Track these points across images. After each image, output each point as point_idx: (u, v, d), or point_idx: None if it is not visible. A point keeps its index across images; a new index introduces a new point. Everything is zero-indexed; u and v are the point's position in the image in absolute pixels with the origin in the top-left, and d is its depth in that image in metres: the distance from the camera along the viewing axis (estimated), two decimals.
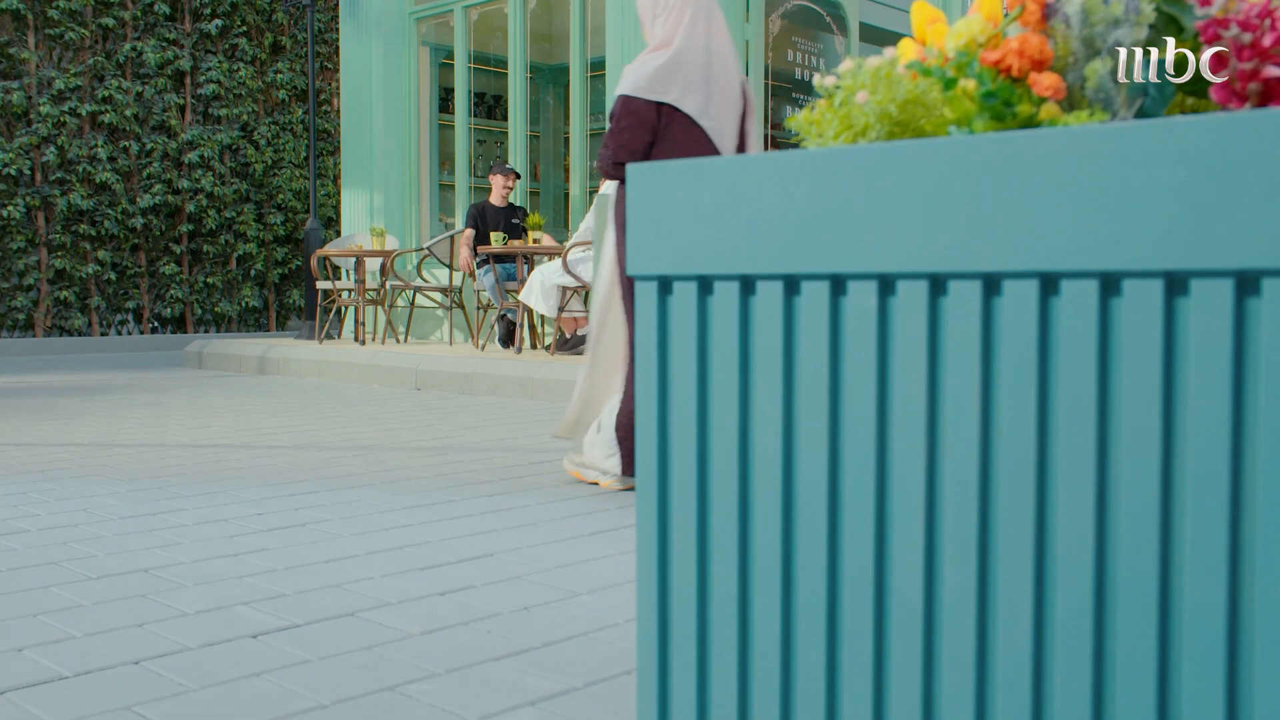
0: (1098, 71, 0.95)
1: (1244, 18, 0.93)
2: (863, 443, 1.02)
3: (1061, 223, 0.90)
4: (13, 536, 2.97)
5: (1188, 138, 0.84)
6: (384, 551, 2.81)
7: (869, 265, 1.00)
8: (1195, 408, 0.85)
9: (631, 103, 3.35)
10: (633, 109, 3.35)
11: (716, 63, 3.41)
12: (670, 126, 3.34)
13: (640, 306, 1.16)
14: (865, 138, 1.12)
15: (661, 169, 1.13)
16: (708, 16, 3.42)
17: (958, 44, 1.01)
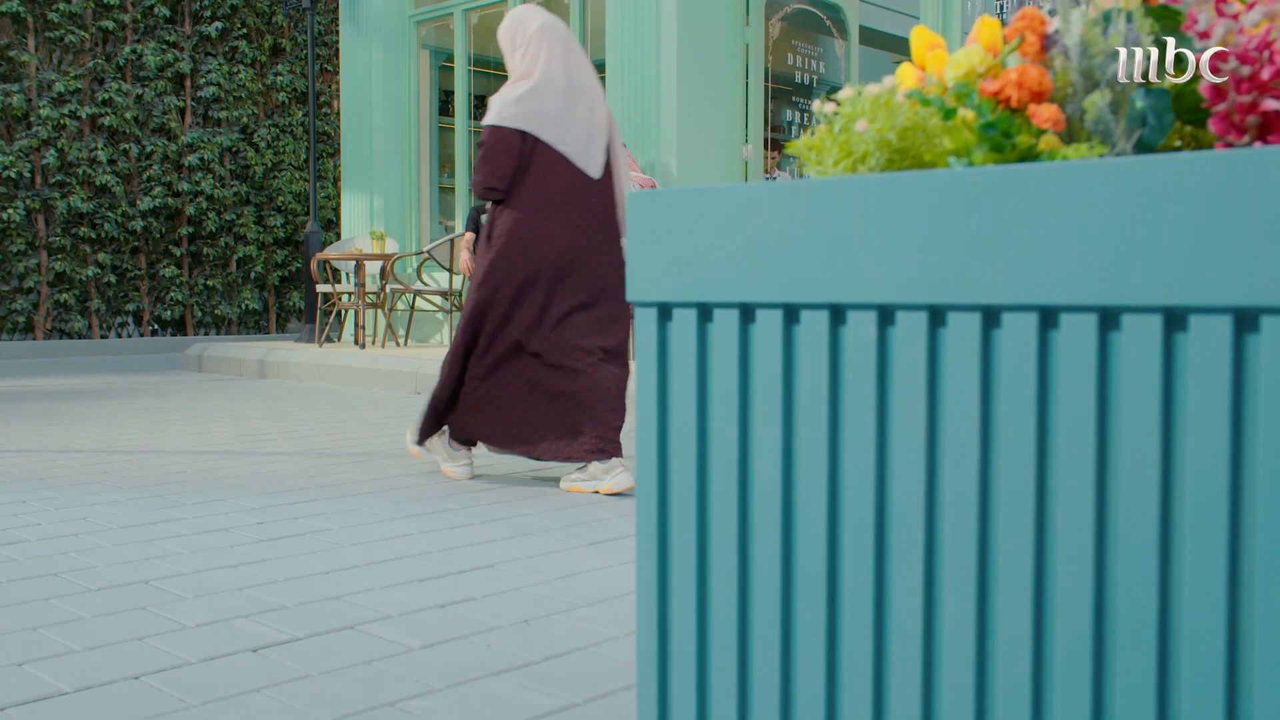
0: (1096, 104, 0.95)
1: (1242, 50, 0.93)
2: (862, 473, 1.02)
3: (1061, 256, 0.90)
4: (13, 547, 2.97)
5: (1187, 174, 0.84)
6: (384, 562, 2.81)
7: (868, 295, 1.00)
8: (1194, 443, 0.85)
9: (498, 131, 3.64)
10: (499, 137, 3.63)
11: (577, 91, 3.70)
12: (535, 153, 3.64)
13: (640, 332, 1.16)
14: (865, 165, 1.12)
15: (661, 197, 1.14)
16: (565, 48, 3.71)
17: (957, 74, 1.02)
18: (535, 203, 3.63)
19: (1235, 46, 0.94)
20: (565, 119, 3.65)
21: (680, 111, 7.62)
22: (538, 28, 3.71)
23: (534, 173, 3.62)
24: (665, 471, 1.15)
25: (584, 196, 3.69)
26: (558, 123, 3.64)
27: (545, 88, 3.63)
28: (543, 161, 3.63)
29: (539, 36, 3.68)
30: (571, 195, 3.67)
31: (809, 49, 8.76)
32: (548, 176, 3.63)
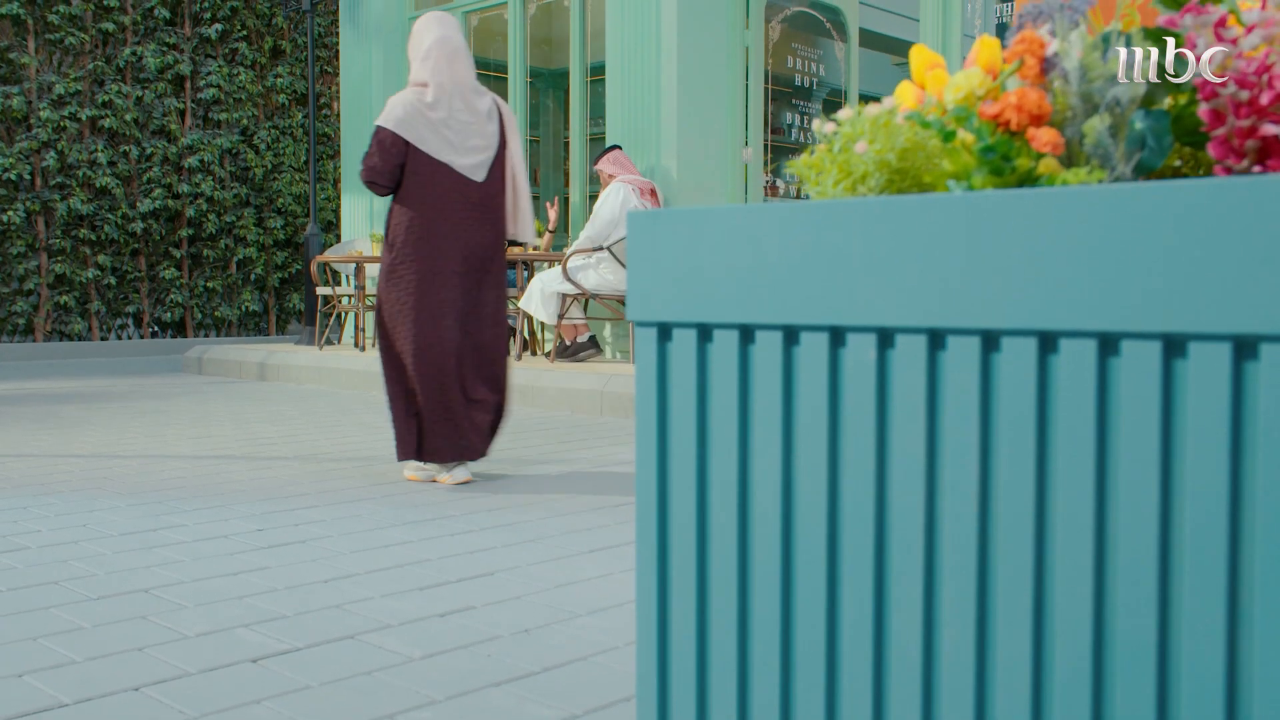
0: (1096, 128, 0.95)
1: (1241, 75, 0.93)
2: (861, 495, 1.02)
3: (1060, 281, 0.90)
4: (14, 554, 2.97)
5: (1186, 201, 0.84)
6: (384, 570, 2.81)
7: (868, 318, 1.00)
8: (1193, 470, 0.86)
9: (384, 133, 3.93)
10: (384, 139, 3.93)
11: (462, 103, 3.98)
12: (418, 159, 3.93)
13: (640, 351, 1.17)
14: (864, 185, 1.12)
15: (662, 217, 1.14)
16: (451, 60, 3.98)
17: (956, 97, 1.02)
18: (424, 204, 3.94)
19: (1234, 71, 0.94)
20: (447, 130, 3.94)
21: (680, 114, 7.62)
22: (433, 42, 3.98)
23: (420, 176, 3.92)
24: (665, 491, 1.16)
25: (467, 198, 3.97)
26: (439, 133, 3.93)
27: (433, 100, 3.93)
28: (427, 167, 3.93)
29: (433, 50, 3.97)
30: (456, 198, 3.96)
31: (809, 52, 8.76)
32: (433, 180, 3.93)
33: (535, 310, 7.42)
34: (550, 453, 4.82)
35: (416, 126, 3.91)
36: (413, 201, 3.94)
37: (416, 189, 3.93)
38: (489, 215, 4.04)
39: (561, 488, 3.97)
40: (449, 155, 3.93)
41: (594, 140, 9.28)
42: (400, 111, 3.91)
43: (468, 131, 3.98)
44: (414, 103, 3.92)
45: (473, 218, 3.99)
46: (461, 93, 3.97)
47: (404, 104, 3.92)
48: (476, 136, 3.99)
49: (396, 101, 3.95)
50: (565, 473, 4.30)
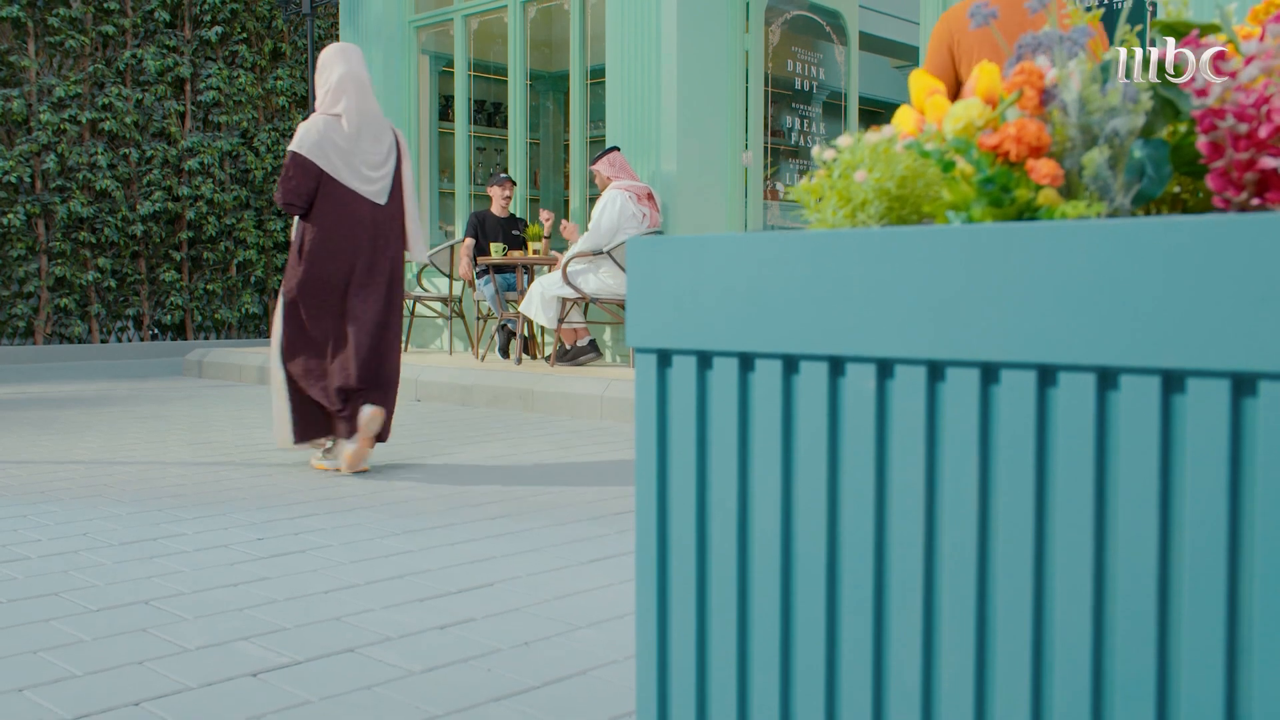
0: (1095, 160, 0.95)
1: (1240, 108, 0.93)
2: (861, 524, 1.03)
3: (1059, 315, 0.90)
4: (14, 565, 2.97)
5: (1184, 237, 0.84)
6: (384, 581, 2.81)
7: (867, 349, 1.01)
8: (1192, 504, 0.86)
9: (297, 158, 4.30)
10: (298, 163, 4.30)
11: (366, 131, 4.37)
12: (328, 182, 4.31)
13: (640, 378, 1.17)
14: (864, 212, 1.12)
15: (662, 245, 1.14)
16: (360, 94, 4.37)
17: (955, 127, 1.02)
18: (333, 223, 4.32)
19: (1233, 104, 0.94)
20: (352, 156, 4.34)
21: (680, 118, 7.62)
22: (341, 76, 4.35)
23: (331, 198, 4.32)
24: (665, 517, 1.16)
25: (372, 219, 4.39)
26: (345, 159, 4.33)
27: (348, 131, 4.32)
28: (337, 190, 4.32)
29: (346, 84, 4.35)
30: (361, 218, 4.37)
31: (809, 55, 8.76)
32: (341, 202, 4.33)
33: (535, 314, 7.42)
34: (550, 459, 4.83)
35: (328, 154, 4.29)
36: (323, 220, 4.32)
37: (326, 209, 4.31)
38: (390, 234, 4.46)
39: (561, 496, 3.97)
40: (356, 182, 4.34)
41: (594, 142, 9.28)
42: (315, 137, 4.28)
43: (373, 160, 4.39)
44: (326, 131, 4.30)
45: (378, 236, 4.40)
46: (371, 125, 4.38)
47: (318, 131, 4.29)
48: (380, 165, 4.41)
49: (310, 128, 4.30)
50: (566, 480, 4.30)
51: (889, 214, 1.12)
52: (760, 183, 8.35)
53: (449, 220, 10.54)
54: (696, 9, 7.71)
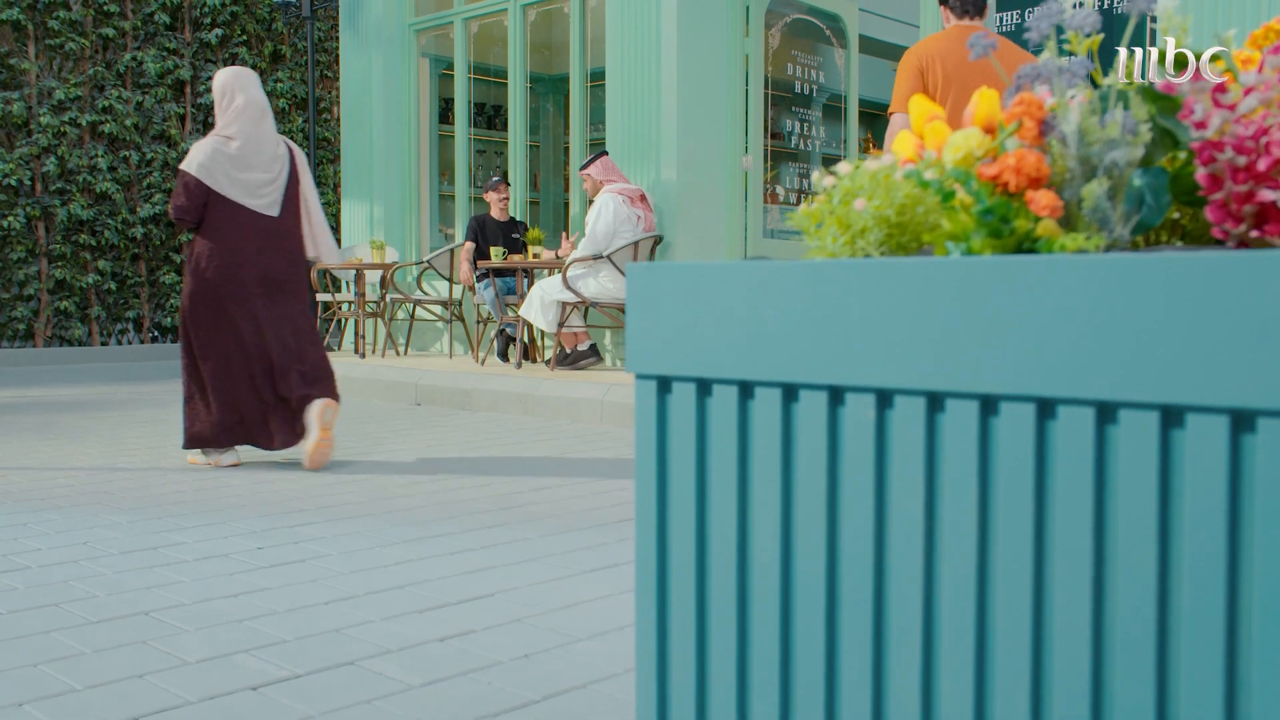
0: (1094, 193, 0.95)
1: (1239, 141, 0.93)
2: (860, 553, 1.03)
3: (1058, 349, 0.90)
4: (14, 574, 2.97)
5: (1183, 273, 0.84)
6: (384, 591, 2.81)
7: (867, 379, 1.01)
8: (1191, 539, 0.86)
9: (188, 177, 4.63)
10: (188, 183, 4.63)
11: (259, 153, 4.72)
12: (216, 199, 4.66)
13: (640, 404, 1.17)
14: (863, 239, 1.12)
15: (662, 271, 1.14)
16: (257, 120, 4.73)
17: (955, 157, 1.02)
18: (223, 236, 4.66)
19: (1232, 136, 0.94)
20: (240, 174, 4.68)
21: (680, 123, 7.62)
22: (242, 104, 4.72)
23: (220, 213, 4.66)
24: (664, 543, 1.16)
25: (264, 230, 4.73)
26: (235, 180, 4.67)
27: (239, 154, 4.68)
28: (225, 207, 4.67)
29: (245, 110, 4.71)
30: (252, 230, 4.70)
31: (809, 59, 8.77)
32: (231, 217, 4.68)
33: (535, 318, 7.43)
34: (550, 465, 4.83)
35: (215, 174, 4.64)
36: (213, 234, 4.67)
37: (216, 224, 4.66)
38: (285, 243, 4.82)
39: (561, 504, 3.97)
40: (243, 198, 4.69)
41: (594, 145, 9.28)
42: (202, 158, 4.62)
43: (262, 178, 4.74)
44: (216, 152, 4.64)
45: (268, 245, 4.75)
46: (263, 145, 4.74)
47: (207, 153, 4.64)
48: (270, 181, 4.77)
49: (200, 149, 4.65)
50: (566, 486, 4.30)
51: (888, 241, 1.13)
52: (760, 186, 8.36)
53: (449, 223, 10.54)
54: (696, 13, 7.71)
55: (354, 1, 10.14)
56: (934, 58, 4.55)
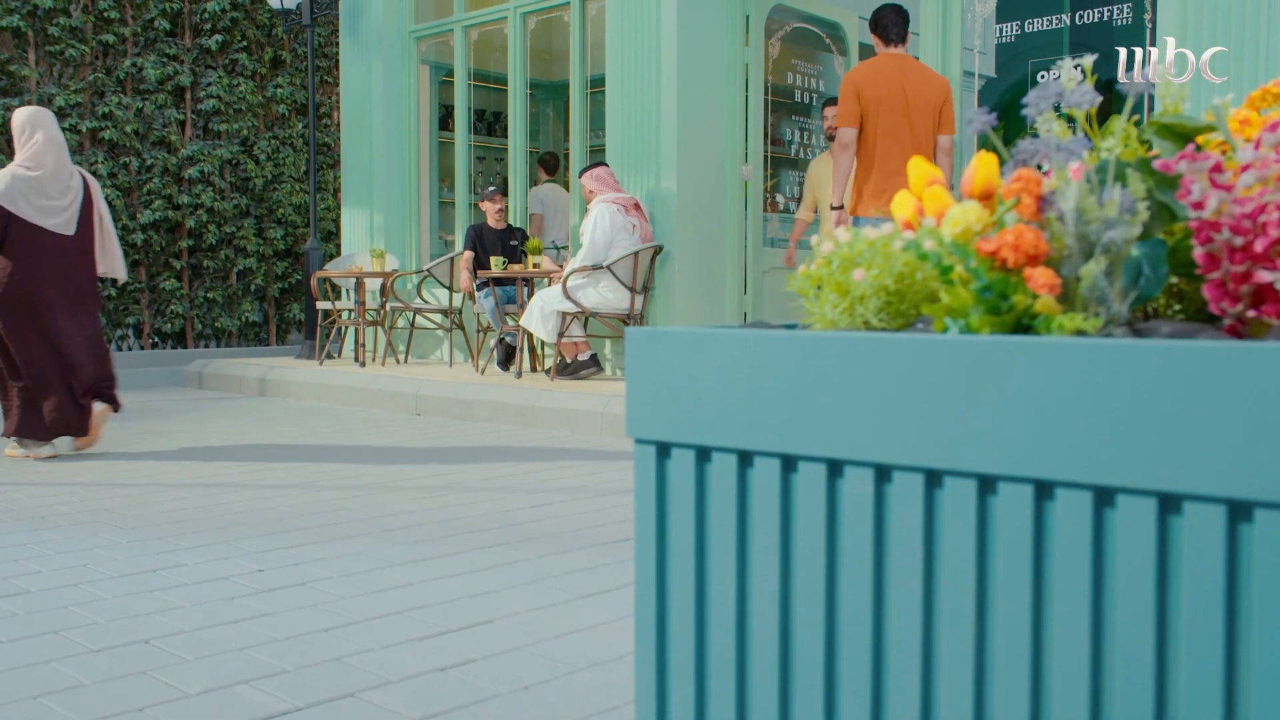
0: (1092, 272, 0.95)
1: (1236, 221, 0.94)
2: (859, 627, 1.03)
3: (1056, 432, 0.91)
4: (14, 599, 2.98)
5: (1183, 363, 0.85)
6: (384, 617, 2.82)
7: (866, 454, 1.01)
8: (1189, 625, 0.86)
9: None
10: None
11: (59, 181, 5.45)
12: (17, 222, 5.31)
13: (639, 468, 1.17)
14: (862, 306, 1.13)
15: (661, 337, 1.14)
16: (57, 154, 5.46)
17: (954, 232, 1.02)
18: (25, 254, 5.33)
19: (1229, 216, 0.94)
20: (38, 199, 5.37)
21: (680, 132, 7.62)
22: (42, 140, 5.40)
23: (21, 234, 5.32)
24: (664, 609, 1.16)
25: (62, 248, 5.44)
26: (34, 203, 5.35)
27: (35, 179, 5.37)
28: (26, 228, 5.34)
29: (40, 144, 5.40)
30: (52, 248, 5.40)
31: (809, 67, 8.77)
32: (32, 236, 5.35)
33: (535, 328, 7.43)
34: (550, 480, 4.83)
35: (16, 199, 5.30)
36: (15, 253, 5.32)
37: (18, 243, 5.32)
38: (80, 259, 5.54)
39: (560, 522, 3.98)
40: (41, 219, 5.37)
41: (594, 151, 9.29)
42: (2, 187, 5.27)
43: (59, 204, 5.43)
44: (16, 179, 5.31)
45: (66, 262, 5.45)
46: (59, 174, 5.44)
47: (8, 181, 5.30)
48: (66, 207, 5.47)
49: (2, 176, 5.31)
50: (565, 503, 4.31)
51: (887, 308, 1.13)
52: (760, 195, 8.36)
53: (449, 230, 10.54)
54: (696, 23, 7.72)
55: (354, 9, 10.15)
56: (868, 81, 5.67)
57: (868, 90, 5.68)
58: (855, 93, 5.69)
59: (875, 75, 5.70)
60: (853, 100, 5.69)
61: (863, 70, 5.76)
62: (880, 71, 5.71)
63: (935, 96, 5.77)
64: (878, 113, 5.67)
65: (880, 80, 5.68)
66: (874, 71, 5.72)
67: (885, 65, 5.74)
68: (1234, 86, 5.34)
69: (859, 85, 5.70)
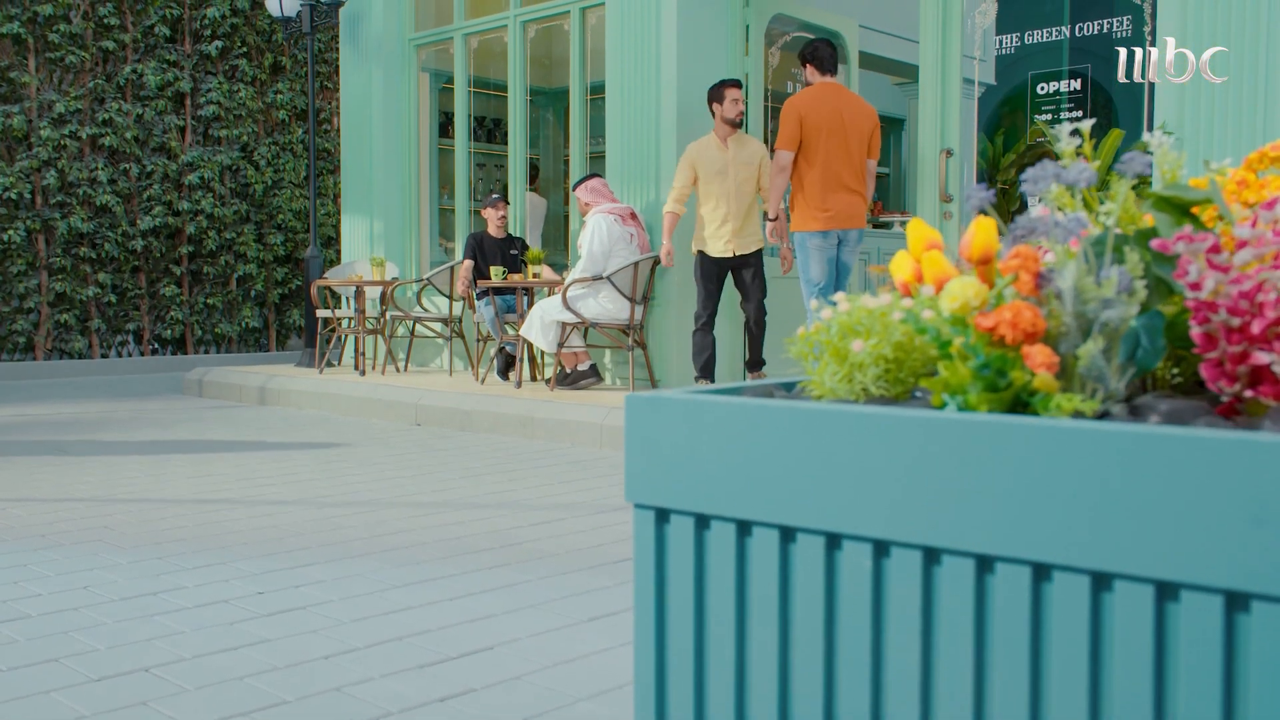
0: (1090, 352, 0.96)
1: (1233, 302, 0.94)
2: (857, 701, 1.03)
3: (1054, 514, 0.91)
4: (16, 624, 2.98)
5: (1181, 451, 0.85)
6: (384, 644, 2.82)
7: (865, 528, 1.01)
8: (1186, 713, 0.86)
9: None
10: None
11: None
12: None
13: (638, 533, 1.18)
14: (861, 373, 1.13)
15: (661, 403, 1.15)
16: None
17: (952, 307, 1.03)
18: None
19: (1226, 298, 0.95)
20: None
21: (680, 143, 7.62)
22: None
23: None
24: (663, 671, 1.16)
25: None
26: None
27: None
28: None
29: None
30: None
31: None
32: None
33: (535, 338, 7.44)
34: (550, 495, 4.83)
35: None
36: None
37: None
38: None
39: (560, 541, 3.98)
40: None
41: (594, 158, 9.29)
42: None
43: None
44: None
45: None
46: None
47: None
48: None
49: None
50: (565, 521, 4.31)
51: (886, 375, 1.13)
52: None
53: (449, 237, 10.54)
54: (695, 34, 7.72)
55: (354, 17, 10.15)
56: (809, 109, 6.17)
57: (811, 116, 6.18)
58: (799, 118, 6.18)
59: (818, 103, 6.21)
60: (796, 125, 6.18)
61: (805, 98, 6.24)
62: (823, 100, 6.22)
63: (867, 124, 6.40)
64: (819, 137, 6.17)
65: (823, 108, 6.19)
66: (817, 100, 6.23)
67: (825, 93, 6.26)
68: (1234, 86, 5.34)
69: (803, 111, 6.18)
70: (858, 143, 6.33)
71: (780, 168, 6.24)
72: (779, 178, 6.28)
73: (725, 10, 7.90)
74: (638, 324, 7.45)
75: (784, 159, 6.21)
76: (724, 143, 6.90)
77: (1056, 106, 6.29)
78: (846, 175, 6.25)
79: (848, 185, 6.26)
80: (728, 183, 6.87)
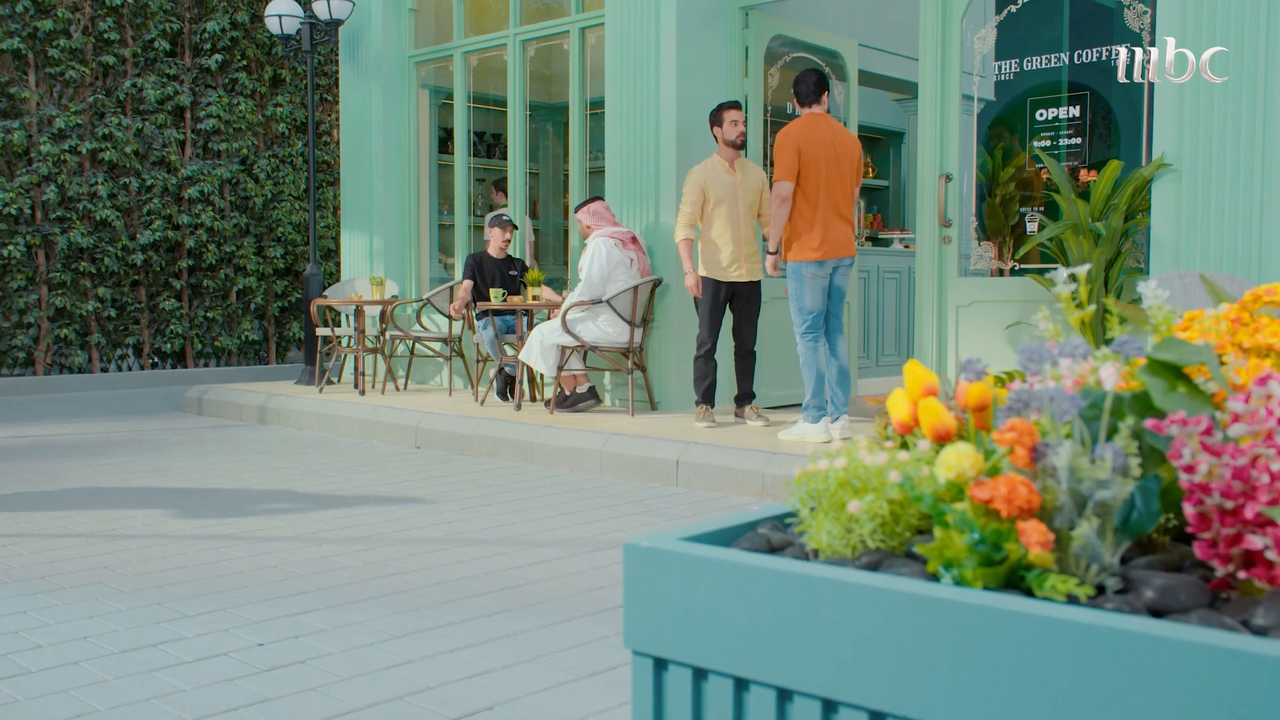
0: (1084, 533, 0.96)
1: (1226, 485, 0.95)
2: None
3: (1050, 699, 0.92)
4: (15, 681, 2.98)
5: (1176, 657, 0.86)
6: (385, 703, 2.83)
7: (861, 699, 1.02)
8: None
9: None
10: None
11: None
12: None
13: (636, 680, 1.18)
14: (858, 526, 1.14)
15: (659, 556, 1.15)
16: None
17: (948, 476, 1.03)
18: None
19: (1219, 480, 0.95)
20: None
21: (679, 165, 7.63)
22: None
23: None
24: None
25: None
26: None
27: None
28: None
29: None
30: None
31: None
32: None
33: (535, 362, 7.45)
34: (549, 528, 4.84)
35: None
36: None
37: None
38: None
39: (560, 584, 3.99)
40: None
41: (594, 174, 9.29)
42: None
43: None
44: None
45: None
46: None
47: None
48: None
49: None
50: (564, 560, 4.32)
51: (883, 528, 1.14)
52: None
53: (448, 252, 10.56)
54: (695, 56, 7.73)
55: (354, 34, 10.16)
56: (807, 139, 6.21)
57: (807, 147, 6.20)
58: (796, 149, 6.19)
59: (813, 133, 6.24)
60: (794, 156, 6.19)
61: (800, 128, 6.26)
62: (816, 130, 6.26)
63: (855, 152, 6.47)
64: (817, 167, 6.21)
65: (817, 138, 6.23)
66: (811, 130, 6.26)
67: (817, 123, 6.30)
68: (1234, 86, 5.34)
69: (799, 142, 6.20)
70: (851, 170, 6.38)
71: (782, 199, 6.23)
72: (781, 209, 6.24)
73: (724, 31, 7.91)
74: (637, 347, 7.46)
75: (785, 190, 6.22)
76: (730, 165, 6.88)
77: (1055, 132, 6.30)
78: (842, 204, 6.28)
79: (842, 214, 6.28)
80: (738, 206, 6.86)
